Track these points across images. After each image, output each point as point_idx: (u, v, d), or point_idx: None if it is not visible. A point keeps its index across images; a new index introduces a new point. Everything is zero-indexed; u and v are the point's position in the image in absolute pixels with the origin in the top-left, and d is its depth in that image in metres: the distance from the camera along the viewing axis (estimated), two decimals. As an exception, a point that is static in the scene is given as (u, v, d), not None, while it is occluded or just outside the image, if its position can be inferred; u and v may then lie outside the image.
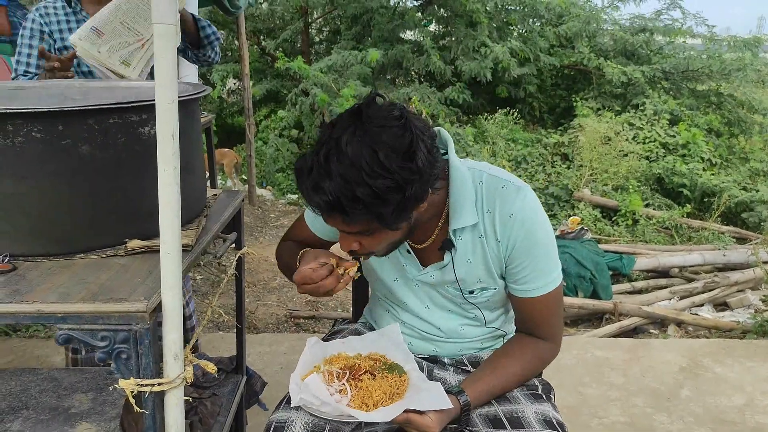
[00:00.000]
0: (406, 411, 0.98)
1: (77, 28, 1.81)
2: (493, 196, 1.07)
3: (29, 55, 1.81)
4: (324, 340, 1.30)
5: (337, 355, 1.13)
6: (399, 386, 1.05)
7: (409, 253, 1.14)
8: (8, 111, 0.94)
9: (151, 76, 1.83)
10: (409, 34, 7.59)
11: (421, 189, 0.92)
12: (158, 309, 0.91)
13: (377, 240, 0.99)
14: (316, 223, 1.24)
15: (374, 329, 1.32)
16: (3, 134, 0.95)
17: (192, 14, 1.83)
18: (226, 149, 6.17)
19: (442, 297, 1.18)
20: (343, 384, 1.04)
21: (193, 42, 1.85)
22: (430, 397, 1.01)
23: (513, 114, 6.97)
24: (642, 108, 6.65)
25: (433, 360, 1.24)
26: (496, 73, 6.93)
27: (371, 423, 1.07)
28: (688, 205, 5.47)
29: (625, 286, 3.93)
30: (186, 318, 1.90)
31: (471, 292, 1.14)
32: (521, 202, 1.05)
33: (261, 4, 7.69)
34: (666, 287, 3.88)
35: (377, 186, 0.87)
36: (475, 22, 6.96)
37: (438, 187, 1.02)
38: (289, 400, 1.08)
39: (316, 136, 1.02)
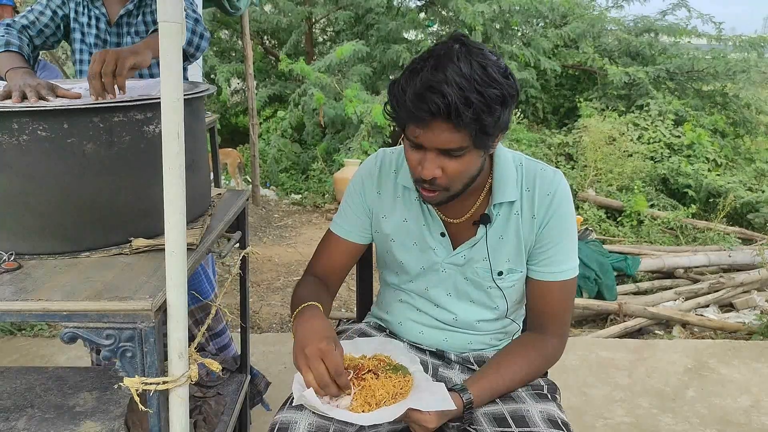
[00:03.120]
0: (408, 410, 0.98)
1: (91, 21, 1.76)
2: (532, 176, 1.14)
3: (32, 23, 1.68)
4: None
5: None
6: (403, 386, 1.04)
7: (443, 236, 1.17)
8: (14, 109, 0.95)
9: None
10: (412, 34, 7.58)
11: (510, 111, 0.99)
12: (163, 307, 0.91)
13: (461, 166, 1.01)
14: (347, 229, 1.25)
15: (380, 327, 1.32)
16: (8, 132, 0.95)
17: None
18: (230, 149, 6.17)
19: (467, 283, 1.19)
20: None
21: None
22: (433, 398, 1.01)
23: (516, 114, 6.96)
24: (647, 108, 6.63)
25: (440, 356, 1.25)
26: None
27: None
28: (693, 205, 5.44)
29: (630, 286, 3.92)
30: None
31: (500, 274, 1.16)
32: (558, 183, 1.14)
33: (265, 4, 7.70)
34: (671, 288, 3.87)
35: (488, 94, 0.93)
36: (472, 28, 6.94)
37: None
38: (293, 400, 1.07)
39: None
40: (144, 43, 1.45)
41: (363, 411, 0.99)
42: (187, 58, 1.73)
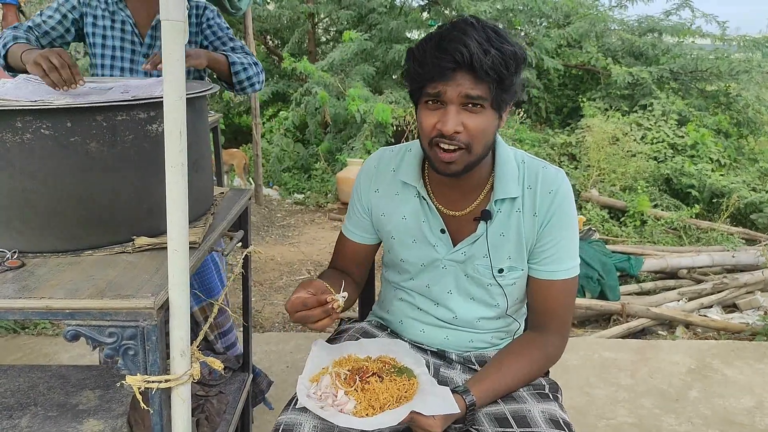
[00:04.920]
0: (412, 413, 0.98)
1: (114, 25, 1.79)
2: (534, 174, 1.14)
3: (38, 25, 1.72)
4: (330, 339, 1.30)
5: (347, 357, 1.12)
6: (407, 389, 1.04)
7: (443, 232, 1.17)
8: (17, 108, 0.95)
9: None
10: (415, 34, 7.57)
11: (521, 85, 1.04)
12: (165, 306, 0.91)
13: (480, 123, 1.03)
14: (354, 231, 1.29)
15: (382, 326, 1.32)
16: (12, 131, 0.95)
17: (227, 56, 1.79)
18: (235, 149, 6.18)
19: (468, 280, 1.19)
20: (350, 388, 1.03)
21: (227, 82, 1.84)
22: (438, 402, 1.00)
23: (518, 114, 6.94)
24: (650, 108, 6.61)
25: (441, 356, 1.24)
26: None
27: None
28: (696, 205, 5.42)
29: (633, 287, 3.91)
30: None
31: (500, 271, 1.16)
32: (561, 182, 1.14)
33: (268, 4, 7.71)
34: (674, 288, 3.85)
35: (504, 51, 0.99)
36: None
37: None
38: (297, 401, 1.07)
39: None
40: (205, 51, 1.65)
41: (367, 414, 0.99)
42: (235, 87, 1.84)
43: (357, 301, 1.57)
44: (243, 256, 1.47)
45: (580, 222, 4.73)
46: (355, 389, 1.02)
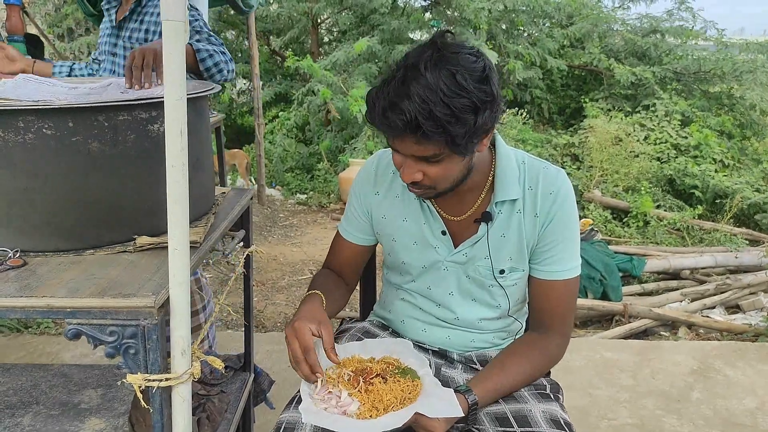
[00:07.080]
0: (415, 415, 0.98)
1: (105, 31, 1.88)
2: (535, 175, 1.13)
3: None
4: None
5: (350, 358, 1.12)
6: (411, 391, 1.04)
7: (444, 234, 1.17)
8: (20, 108, 0.95)
9: None
10: (417, 35, 7.57)
11: (492, 116, 0.96)
12: (166, 305, 0.91)
13: (442, 170, 1.00)
14: (351, 232, 1.29)
15: (383, 326, 1.32)
16: (14, 131, 0.96)
17: (191, 45, 1.69)
18: (237, 150, 6.19)
19: (469, 281, 1.19)
20: (354, 389, 1.03)
21: (193, 71, 1.73)
22: (442, 404, 1.00)
23: (521, 114, 6.94)
24: (653, 109, 6.60)
25: (443, 355, 1.25)
26: (502, 75, 6.89)
27: None
28: (699, 206, 5.41)
29: (636, 287, 3.90)
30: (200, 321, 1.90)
31: (501, 272, 1.16)
32: (562, 182, 1.13)
33: (271, 4, 7.73)
34: (677, 289, 3.85)
35: (455, 105, 0.91)
36: (477, 27, 6.93)
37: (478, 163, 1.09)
38: (299, 400, 1.07)
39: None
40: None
41: (371, 416, 0.99)
42: (203, 76, 1.75)
43: (360, 301, 1.58)
44: (244, 256, 1.47)
45: (586, 224, 4.72)
46: (358, 390, 1.02)
